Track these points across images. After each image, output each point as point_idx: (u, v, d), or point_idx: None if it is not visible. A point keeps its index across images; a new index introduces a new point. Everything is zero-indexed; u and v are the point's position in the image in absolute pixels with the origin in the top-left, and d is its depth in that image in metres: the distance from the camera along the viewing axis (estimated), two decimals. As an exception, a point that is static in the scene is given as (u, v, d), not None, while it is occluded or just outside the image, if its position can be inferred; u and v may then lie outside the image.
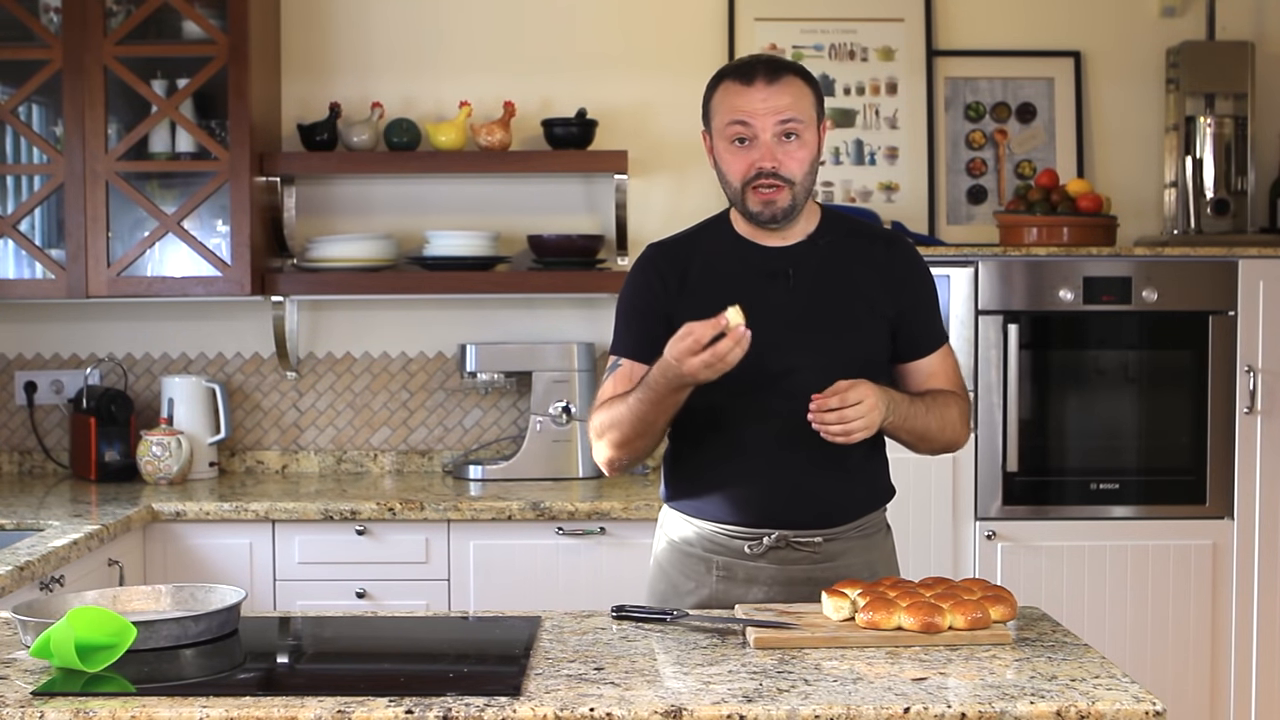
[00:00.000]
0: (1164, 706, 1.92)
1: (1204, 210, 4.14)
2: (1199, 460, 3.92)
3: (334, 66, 4.33)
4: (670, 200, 4.31)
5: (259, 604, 3.68)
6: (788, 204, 2.49)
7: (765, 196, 2.48)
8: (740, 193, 2.50)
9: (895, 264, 2.61)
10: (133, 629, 2.08)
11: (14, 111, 4.02)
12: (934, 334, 2.65)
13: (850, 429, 2.37)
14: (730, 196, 2.55)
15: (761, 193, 2.48)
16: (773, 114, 2.45)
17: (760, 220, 2.51)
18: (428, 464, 4.35)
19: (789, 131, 2.46)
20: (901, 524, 2.80)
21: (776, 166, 2.46)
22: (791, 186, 2.48)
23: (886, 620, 2.21)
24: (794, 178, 2.48)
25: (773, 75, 2.47)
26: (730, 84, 2.50)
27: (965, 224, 4.36)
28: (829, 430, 2.37)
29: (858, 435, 2.38)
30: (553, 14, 4.35)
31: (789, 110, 2.46)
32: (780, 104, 2.46)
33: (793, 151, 2.47)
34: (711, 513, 2.57)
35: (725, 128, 2.49)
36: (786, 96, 2.47)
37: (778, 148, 2.46)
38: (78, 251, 3.98)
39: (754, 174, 2.47)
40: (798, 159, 2.47)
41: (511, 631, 2.32)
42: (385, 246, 4.19)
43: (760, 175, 2.47)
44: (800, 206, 2.52)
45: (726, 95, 2.50)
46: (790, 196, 2.49)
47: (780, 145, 2.46)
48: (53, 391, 4.34)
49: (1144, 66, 4.37)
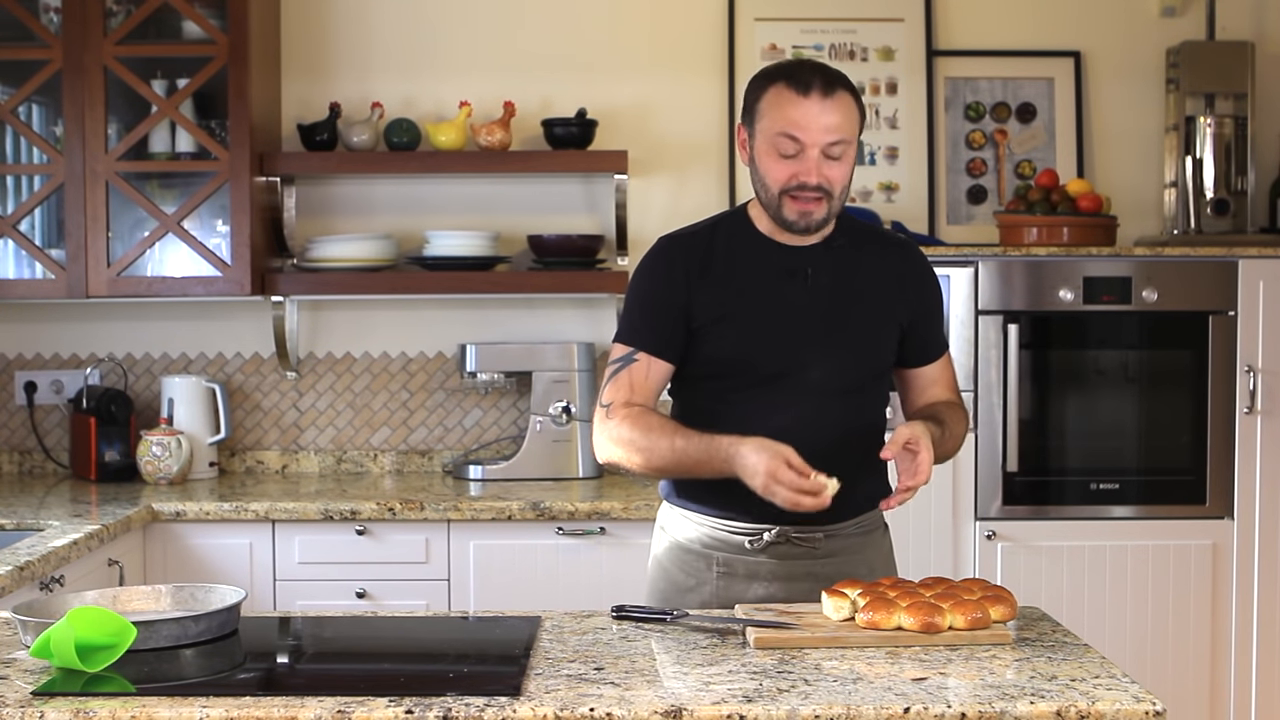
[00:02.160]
0: (1164, 706, 1.92)
1: (1204, 210, 4.14)
2: (1199, 460, 3.92)
3: (334, 66, 4.33)
4: (670, 200, 4.31)
5: (259, 604, 3.68)
6: (824, 215, 2.50)
7: (804, 207, 2.48)
8: (777, 198, 2.49)
9: (910, 271, 2.63)
10: (133, 629, 2.08)
11: (14, 111, 4.02)
12: (939, 342, 2.70)
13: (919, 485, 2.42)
14: (764, 200, 2.53)
15: (801, 202, 2.47)
16: (824, 132, 2.44)
17: (794, 229, 2.51)
18: (428, 464, 4.35)
19: (834, 154, 2.46)
20: (901, 524, 2.81)
21: (821, 181, 2.46)
22: (830, 199, 2.48)
23: (886, 620, 2.21)
24: (834, 192, 2.48)
25: (828, 89, 2.44)
26: (784, 90, 2.46)
27: (965, 224, 4.37)
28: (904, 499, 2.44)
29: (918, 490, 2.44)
30: (553, 14, 4.35)
31: (839, 131, 2.45)
32: (832, 122, 2.44)
33: (835, 168, 2.47)
34: (713, 509, 2.58)
35: (775, 136, 2.46)
36: (838, 114, 2.45)
37: (823, 164, 2.46)
38: (78, 251, 3.98)
39: (796, 185, 2.47)
40: (839, 175, 2.48)
41: (511, 631, 2.32)
42: (385, 246, 4.19)
43: (803, 187, 2.46)
44: (832, 218, 2.53)
45: (779, 102, 2.46)
46: (827, 209, 2.49)
47: (825, 163, 2.46)
48: (53, 391, 4.34)
49: (1144, 66, 4.37)
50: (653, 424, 2.49)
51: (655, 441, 2.47)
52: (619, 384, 2.55)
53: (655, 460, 2.49)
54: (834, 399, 2.52)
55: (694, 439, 2.45)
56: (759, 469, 2.34)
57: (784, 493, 2.34)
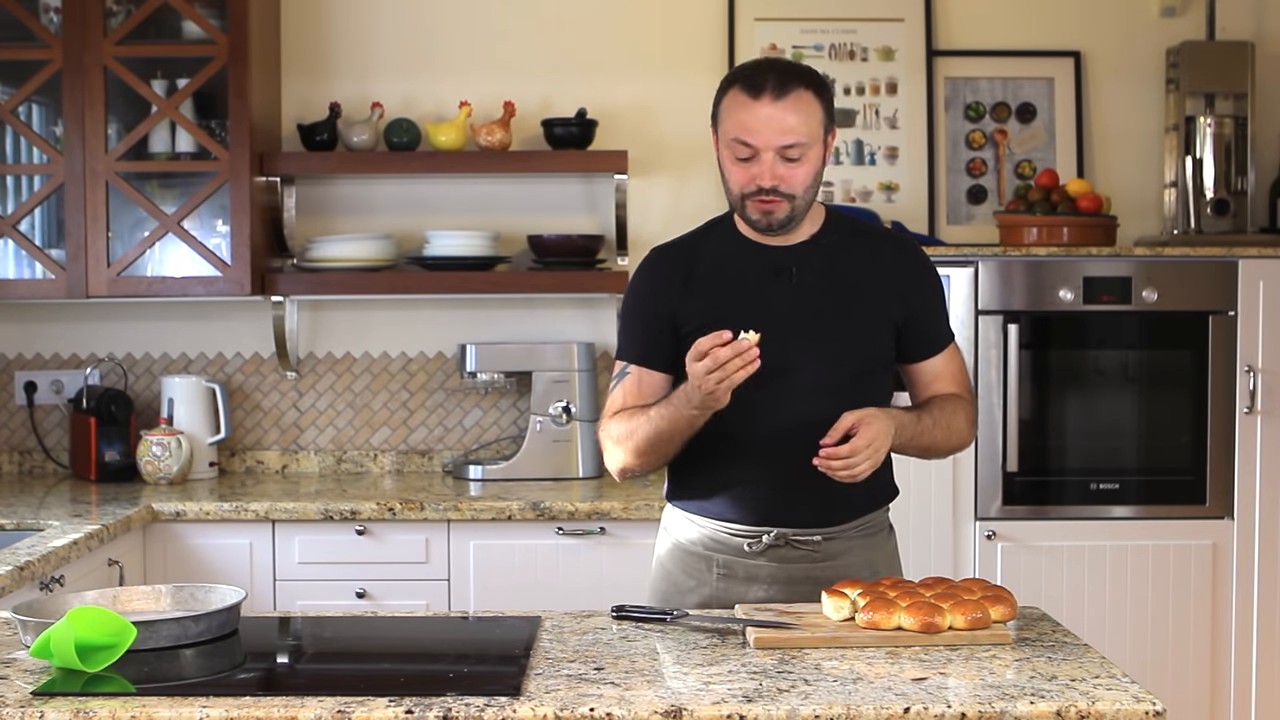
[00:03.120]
0: (1164, 706, 1.92)
1: (1204, 210, 4.14)
2: (1199, 460, 3.92)
3: (334, 66, 4.33)
4: (670, 200, 4.31)
5: (259, 604, 3.68)
6: (785, 215, 2.49)
7: (764, 207, 2.48)
8: (740, 200, 2.51)
9: (903, 265, 2.62)
10: (133, 629, 2.08)
11: (14, 111, 4.02)
12: (942, 334, 2.66)
13: (856, 473, 2.39)
14: (730, 202, 2.55)
15: (760, 204, 2.48)
16: (777, 135, 2.43)
17: (758, 228, 2.53)
18: (428, 464, 4.35)
19: (791, 156, 2.45)
20: (901, 524, 2.80)
21: (777, 184, 2.46)
22: (792, 201, 2.48)
23: (886, 620, 2.21)
24: (794, 192, 2.47)
25: (781, 90, 2.43)
26: (738, 94, 2.46)
27: (965, 224, 4.37)
28: (836, 475, 2.39)
29: (862, 475, 2.40)
30: (553, 14, 4.35)
31: (793, 134, 2.43)
32: (785, 125, 2.43)
33: (794, 169, 2.46)
34: (712, 510, 2.58)
35: (730, 141, 2.47)
36: (792, 116, 2.43)
37: (779, 166, 2.45)
38: (78, 251, 3.98)
39: (754, 189, 2.47)
40: (798, 176, 2.46)
41: (511, 631, 2.32)
42: (385, 246, 4.19)
43: (760, 190, 2.47)
44: (800, 217, 2.53)
45: (733, 106, 2.47)
46: (789, 209, 2.49)
47: (782, 164, 2.45)
48: (53, 391, 4.34)
49: (1144, 66, 4.37)
50: (634, 412, 2.53)
51: (638, 424, 2.51)
52: (614, 398, 2.60)
53: (642, 439, 2.50)
54: (828, 397, 2.50)
55: (663, 403, 2.48)
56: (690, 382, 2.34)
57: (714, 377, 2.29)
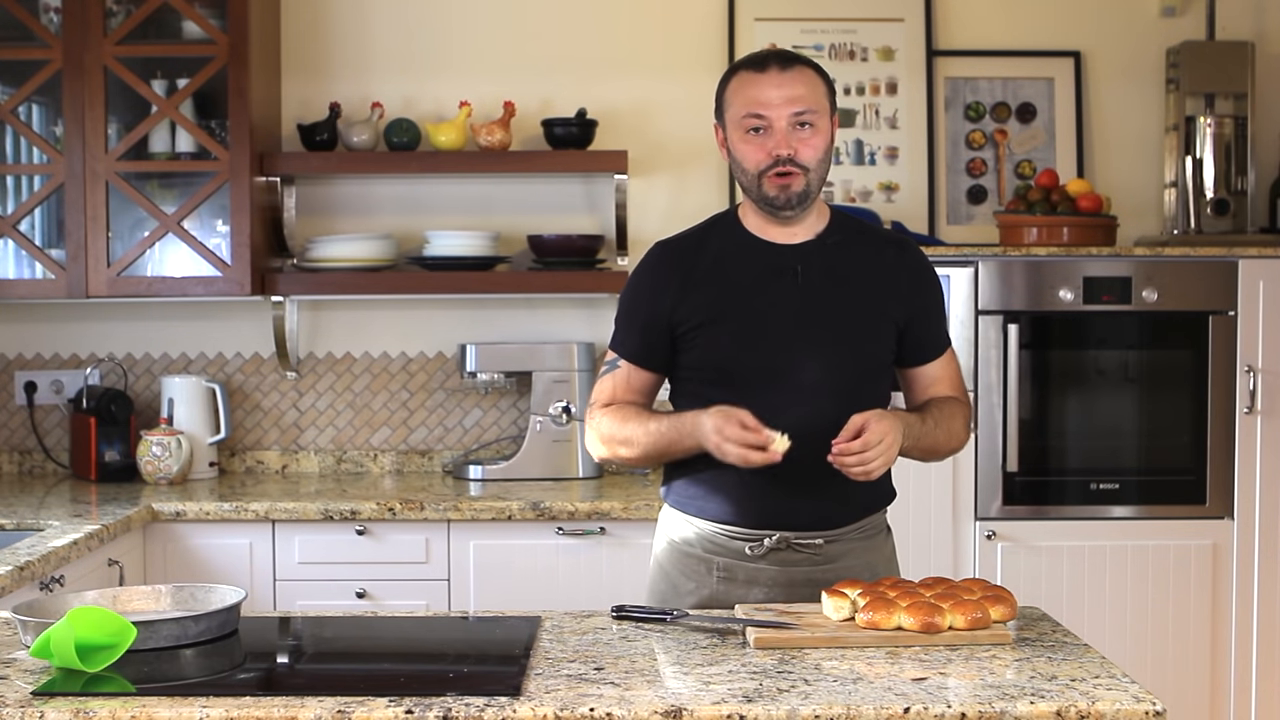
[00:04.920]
0: (1164, 706, 1.92)
1: (1204, 210, 4.14)
2: (1199, 460, 3.92)
3: (334, 66, 4.33)
4: (670, 200, 4.31)
5: (259, 604, 3.68)
6: (802, 189, 2.51)
7: (781, 181, 2.50)
8: (756, 180, 2.52)
9: (905, 269, 2.63)
10: (133, 629, 2.08)
11: (14, 111, 4.02)
12: (940, 339, 2.68)
13: (870, 469, 2.40)
14: (745, 186, 2.56)
15: (777, 178, 2.50)
16: (787, 103, 2.48)
17: (776, 205, 2.53)
18: (428, 464, 4.35)
19: (804, 121, 2.49)
20: (901, 524, 2.81)
21: (793, 154, 2.49)
22: (806, 173, 2.51)
23: (886, 620, 2.21)
24: (809, 164, 2.50)
25: (786, 65, 2.51)
26: (745, 74, 2.53)
27: (965, 224, 4.37)
28: (850, 472, 2.41)
29: (877, 472, 2.42)
30: (553, 14, 4.35)
31: (803, 100, 2.49)
32: (795, 93, 2.49)
33: (807, 139, 2.50)
34: (712, 513, 2.58)
35: (741, 118, 2.51)
36: (800, 86, 2.50)
37: (793, 135, 2.49)
38: (78, 251, 3.98)
39: (770, 162, 2.50)
40: (812, 146, 2.50)
41: (511, 631, 2.32)
42: (385, 246, 4.19)
43: (777, 163, 2.49)
44: (814, 194, 2.54)
45: (741, 86, 2.52)
46: (805, 182, 2.51)
47: (795, 133, 2.49)
48: (53, 391, 4.34)
49: (1144, 66, 4.37)
50: (629, 414, 2.57)
51: (633, 430, 2.54)
52: (604, 386, 2.64)
53: (636, 448, 2.55)
54: (830, 399, 2.50)
55: (665, 420, 2.52)
56: (711, 429, 2.40)
57: (733, 449, 2.38)
